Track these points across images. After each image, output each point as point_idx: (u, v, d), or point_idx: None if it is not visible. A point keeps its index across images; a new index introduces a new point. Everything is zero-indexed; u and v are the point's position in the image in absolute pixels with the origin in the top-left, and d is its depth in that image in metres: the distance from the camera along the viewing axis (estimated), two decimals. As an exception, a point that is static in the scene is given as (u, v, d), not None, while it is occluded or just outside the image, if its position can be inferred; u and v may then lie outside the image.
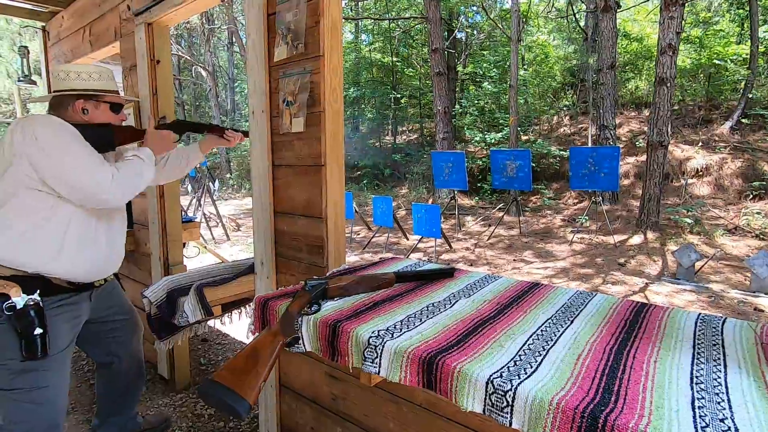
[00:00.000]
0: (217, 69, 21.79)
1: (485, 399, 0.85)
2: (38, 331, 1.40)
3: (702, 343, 1.01)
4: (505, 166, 6.47)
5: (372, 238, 6.70)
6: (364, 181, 12.38)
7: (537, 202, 8.90)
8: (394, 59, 14.62)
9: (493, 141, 9.59)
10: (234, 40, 15.21)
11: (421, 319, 1.17)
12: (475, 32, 15.82)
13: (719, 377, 0.86)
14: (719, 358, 0.94)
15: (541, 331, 1.08)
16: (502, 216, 7.35)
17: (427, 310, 1.24)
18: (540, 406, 0.78)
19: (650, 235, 6.20)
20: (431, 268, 1.61)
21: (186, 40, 16.78)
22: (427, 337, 1.04)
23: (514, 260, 5.60)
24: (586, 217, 7.23)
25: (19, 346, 1.39)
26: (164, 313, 1.83)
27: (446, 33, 12.62)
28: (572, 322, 1.15)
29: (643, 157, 9.52)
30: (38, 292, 1.41)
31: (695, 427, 0.70)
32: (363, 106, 14.52)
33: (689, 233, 6.18)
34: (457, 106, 11.19)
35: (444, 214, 8.14)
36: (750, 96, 9.83)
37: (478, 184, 9.61)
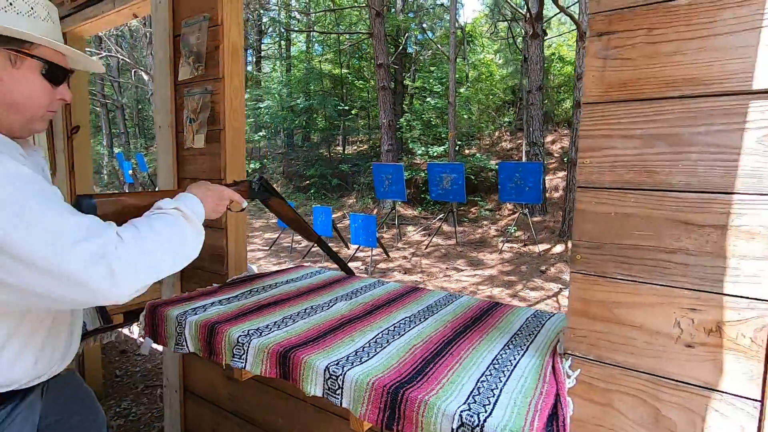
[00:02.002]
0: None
1: (323, 384, 1.00)
2: None
3: (520, 333, 1.22)
4: (441, 178, 6.81)
5: (312, 247, 6.77)
6: (312, 191, 12.41)
7: (475, 213, 9.35)
8: (344, 71, 14.85)
9: (435, 154, 10.00)
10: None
11: (294, 320, 1.31)
12: (422, 49, 16.42)
13: (515, 359, 1.06)
14: (525, 345, 1.14)
15: (394, 327, 1.25)
16: (440, 226, 7.69)
17: (305, 312, 1.37)
18: (360, 386, 0.94)
19: (571, 244, 6.73)
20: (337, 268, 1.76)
21: (128, 42, 16.11)
22: (290, 335, 1.18)
23: (447, 269, 5.89)
24: (515, 228, 7.72)
25: None
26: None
27: (393, 48, 13.02)
28: (426, 319, 1.33)
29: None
30: None
31: (469, 395, 0.88)
32: (315, 116, 14.60)
33: (604, 243, 6.78)
34: (402, 120, 11.57)
35: (387, 224, 8.36)
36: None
37: (422, 196, 9.96)
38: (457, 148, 10.35)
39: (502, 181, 6.39)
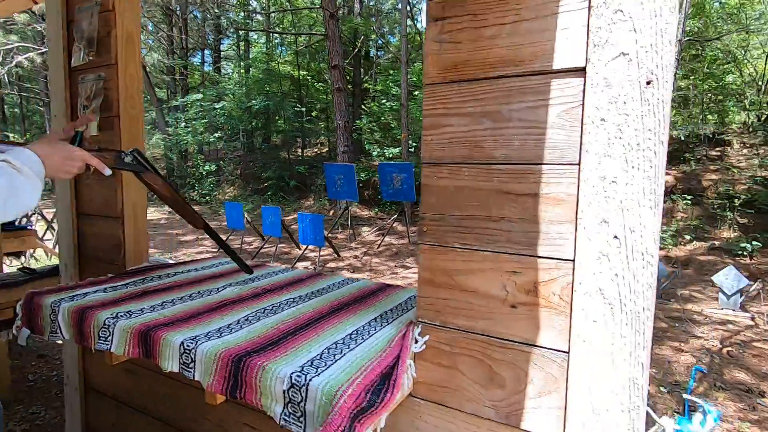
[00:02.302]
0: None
1: (179, 359, 1.00)
2: None
3: (393, 310, 1.27)
4: (392, 178, 6.89)
5: (262, 247, 6.68)
6: (269, 193, 12.22)
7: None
8: (303, 73, 14.76)
9: (390, 156, 10.10)
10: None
11: (174, 303, 1.30)
12: (383, 53, 16.57)
13: (374, 330, 1.11)
14: (391, 319, 1.19)
15: (272, 306, 1.27)
16: (391, 226, 7.78)
17: (189, 296, 1.37)
18: (209, 358, 0.95)
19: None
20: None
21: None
22: (162, 316, 1.17)
23: (396, 266, 5.97)
24: None
25: None
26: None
27: (352, 50, 13.07)
28: (310, 300, 1.35)
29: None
30: None
31: (309, 360, 0.92)
32: (277, 118, 14.39)
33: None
34: (359, 122, 11.62)
35: (342, 225, 8.36)
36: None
37: (378, 197, 10.03)
38: (412, 149, 10.50)
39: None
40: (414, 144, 10.42)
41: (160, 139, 14.60)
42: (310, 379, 0.83)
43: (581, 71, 0.83)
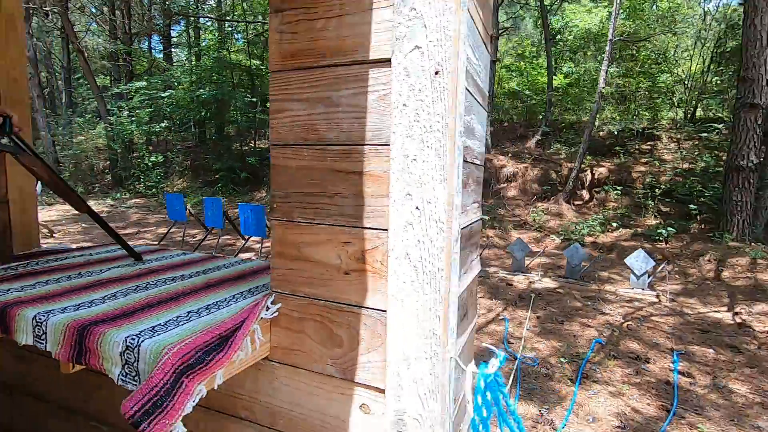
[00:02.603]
0: (47, 56, 18.86)
1: (32, 332, 1.04)
2: None
3: (267, 284, 1.35)
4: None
5: (204, 239, 6.56)
6: (219, 185, 11.93)
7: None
8: (256, 63, 14.42)
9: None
10: (63, 24, 13.34)
11: (48, 283, 1.32)
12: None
13: (234, 301, 1.18)
14: (257, 292, 1.27)
15: (147, 284, 1.31)
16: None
17: (66, 278, 1.39)
18: (57, 329, 0.99)
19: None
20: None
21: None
22: (28, 294, 1.19)
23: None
24: None
25: None
26: None
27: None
28: (191, 277, 1.41)
29: (470, 165, 11.02)
30: None
31: (151, 327, 0.98)
32: (231, 109, 13.96)
33: (488, 228, 7.39)
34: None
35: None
36: (551, 117, 12.13)
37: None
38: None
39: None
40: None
41: (102, 129, 13.86)
42: (142, 341, 0.90)
43: (388, 62, 0.94)
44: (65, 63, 18.33)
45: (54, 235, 7.24)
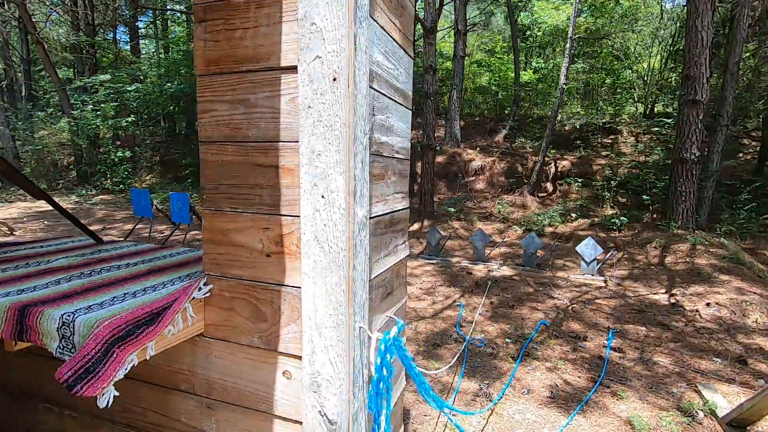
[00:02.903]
0: (2, 46, 18.02)
1: (-23, 314, 1.13)
2: None
3: (198, 269, 1.46)
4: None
5: (171, 234, 6.55)
6: (189, 180, 11.79)
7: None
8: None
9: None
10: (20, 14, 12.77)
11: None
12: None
13: (171, 285, 1.30)
14: (195, 277, 1.39)
15: (92, 271, 1.41)
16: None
17: (15, 268, 1.47)
18: (0, 311, 1.09)
19: (426, 222, 7.46)
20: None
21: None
22: (-29, 281, 1.27)
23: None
24: None
25: None
26: None
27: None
28: (137, 265, 1.51)
29: (440, 159, 11.26)
30: None
31: (87, 306, 1.09)
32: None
33: (455, 220, 7.63)
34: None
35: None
36: (517, 111, 12.47)
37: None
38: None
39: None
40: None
41: (66, 124, 13.42)
42: (77, 317, 1.01)
43: (296, 69, 1.07)
44: (24, 55, 17.60)
45: (14, 233, 7.07)
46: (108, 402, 0.98)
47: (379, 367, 1.10)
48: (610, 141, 11.24)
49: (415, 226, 7.37)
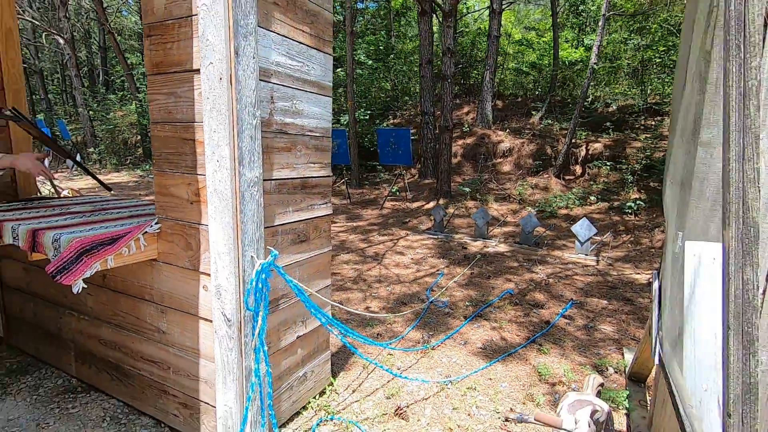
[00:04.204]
0: (84, 36, 20.07)
1: (11, 236, 1.74)
2: None
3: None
4: (389, 143, 7.54)
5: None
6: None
7: (377, 177, 10.25)
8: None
9: (345, 122, 10.70)
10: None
11: (34, 210, 2.02)
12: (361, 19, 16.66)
13: (129, 224, 1.84)
14: (141, 219, 1.92)
15: (83, 212, 1.99)
16: (344, 188, 8.49)
17: (52, 208, 2.09)
18: (22, 233, 1.68)
19: (442, 201, 7.75)
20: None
21: (41, 4, 15.36)
22: (20, 217, 1.90)
23: (324, 221, 6.76)
24: (396, 188, 8.68)
25: None
26: None
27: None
28: (111, 211, 2.08)
29: (469, 140, 11.33)
30: None
31: (78, 229, 1.65)
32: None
33: (469, 199, 7.84)
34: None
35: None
36: (554, 93, 12.14)
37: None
38: (366, 117, 11.07)
39: (380, 146, 7.22)
40: (369, 113, 10.97)
41: (134, 106, 14.95)
42: (62, 236, 1.57)
43: (198, 71, 1.53)
44: (101, 43, 19.53)
45: (61, 195, 8.29)
46: (79, 289, 1.53)
47: (257, 281, 1.56)
48: (654, 123, 10.70)
49: (430, 204, 7.69)
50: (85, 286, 2.03)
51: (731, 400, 0.61)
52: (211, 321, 1.70)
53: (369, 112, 11.14)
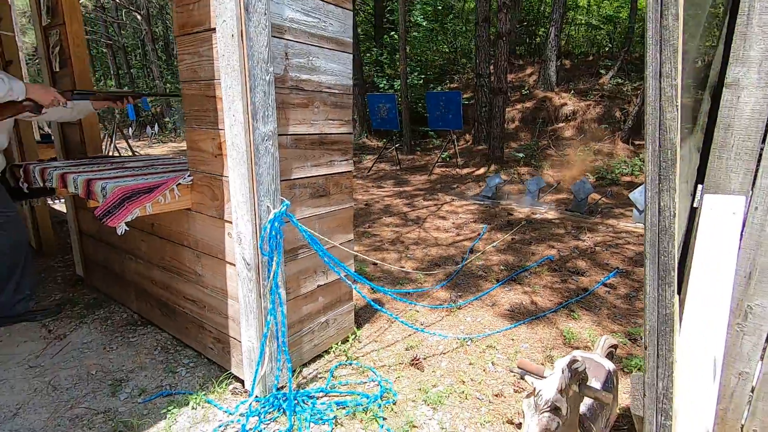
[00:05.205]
0: (159, 11, 21.29)
1: (73, 186, 2.01)
2: None
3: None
4: (378, 108, 7.51)
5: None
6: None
7: (429, 143, 10.08)
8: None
9: (398, 87, 10.55)
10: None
11: (96, 165, 2.31)
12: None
13: (167, 176, 2.04)
14: (184, 171, 2.11)
15: (132, 166, 2.23)
16: (381, 152, 8.50)
17: (111, 165, 2.37)
18: (80, 183, 1.94)
19: (493, 167, 7.50)
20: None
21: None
22: (85, 171, 2.18)
23: (371, 186, 6.84)
24: (447, 154, 8.49)
25: None
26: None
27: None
28: (154, 165, 2.31)
29: (528, 104, 10.69)
30: None
31: (122, 180, 1.87)
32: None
33: (522, 166, 7.50)
34: (369, 55, 11.93)
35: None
36: (628, 50, 10.99)
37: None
38: (420, 81, 10.81)
39: (430, 110, 7.06)
40: (423, 76, 10.69)
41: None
42: (108, 185, 1.79)
43: (215, 30, 1.62)
44: (174, 17, 20.66)
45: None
46: (122, 231, 1.75)
47: (270, 228, 1.69)
48: (749, 80, 9.36)
49: (481, 171, 7.49)
50: (139, 231, 2.30)
51: (647, 331, 0.58)
52: (234, 265, 1.86)
53: (423, 76, 10.86)
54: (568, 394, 1.06)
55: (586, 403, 1.34)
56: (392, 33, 12.03)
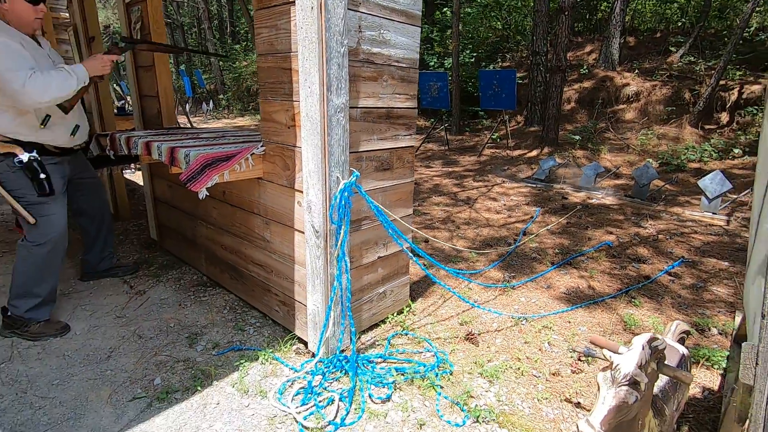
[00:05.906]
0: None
1: (157, 152, 2.17)
2: (43, 175, 2.01)
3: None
4: (429, 87, 7.39)
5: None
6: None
7: (478, 124, 9.83)
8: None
9: (449, 65, 10.30)
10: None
11: (174, 135, 2.47)
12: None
13: (242, 146, 2.14)
14: (257, 141, 2.21)
15: (207, 136, 2.37)
16: (430, 132, 8.36)
17: (186, 135, 2.53)
18: (164, 150, 2.09)
19: (546, 149, 7.23)
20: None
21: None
22: (166, 139, 2.34)
23: (419, 166, 6.81)
24: (497, 135, 8.24)
25: (32, 186, 2.01)
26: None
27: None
28: (225, 136, 2.43)
29: (586, 84, 10.12)
30: (35, 152, 2.01)
31: (202, 148, 2.00)
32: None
33: (578, 149, 7.17)
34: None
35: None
36: (702, 26, 10.07)
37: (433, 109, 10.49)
38: (472, 60, 10.49)
39: (482, 89, 6.86)
40: (474, 54, 10.36)
41: (254, 58, 16.19)
42: (191, 152, 1.91)
43: (294, 2, 1.66)
44: (228, -6, 21.10)
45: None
46: (203, 197, 1.87)
47: (340, 198, 1.75)
48: None
49: (533, 153, 7.25)
50: (211, 198, 2.45)
51: (765, 302, 0.57)
52: (303, 232, 1.95)
53: (474, 54, 10.54)
54: (646, 371, 1.06)
55: (659, 385, 1.32)
56: (445, 9, 11.69)
